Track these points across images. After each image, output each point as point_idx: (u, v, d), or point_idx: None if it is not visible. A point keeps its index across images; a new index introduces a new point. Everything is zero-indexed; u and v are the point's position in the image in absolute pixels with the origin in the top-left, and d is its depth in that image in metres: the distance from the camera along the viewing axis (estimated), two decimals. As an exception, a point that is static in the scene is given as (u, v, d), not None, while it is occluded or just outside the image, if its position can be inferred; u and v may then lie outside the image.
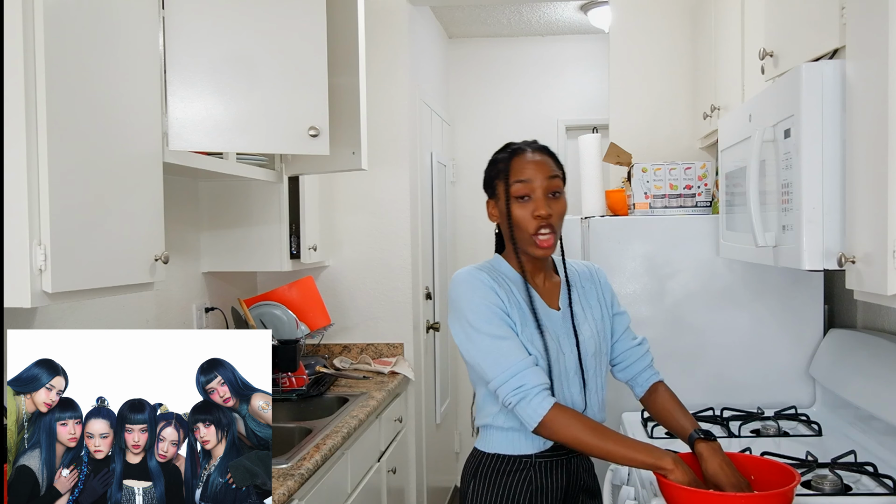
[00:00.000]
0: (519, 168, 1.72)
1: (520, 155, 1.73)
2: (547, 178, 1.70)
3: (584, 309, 1.81)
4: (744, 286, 2.61)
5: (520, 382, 1.62)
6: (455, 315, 1.73)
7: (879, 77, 1.36)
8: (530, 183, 1.70)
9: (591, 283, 1.86)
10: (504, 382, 1.63)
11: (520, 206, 1.71)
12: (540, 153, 1.74)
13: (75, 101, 1.59)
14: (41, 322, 2.00)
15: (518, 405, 1.62)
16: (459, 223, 4.88)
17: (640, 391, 1.88)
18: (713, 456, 1.62)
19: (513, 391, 1.62)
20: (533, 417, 1.61)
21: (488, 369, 1.66)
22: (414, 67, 3.72)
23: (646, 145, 3.33)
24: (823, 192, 1.61)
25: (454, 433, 4.80)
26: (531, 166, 1.71)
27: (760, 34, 2.14)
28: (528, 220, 1.70)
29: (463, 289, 1.71)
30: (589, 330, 1.79)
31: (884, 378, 2.02)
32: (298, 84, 2.13)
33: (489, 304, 1.68)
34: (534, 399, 1.61)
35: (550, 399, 1.62)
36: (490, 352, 1.66)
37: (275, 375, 2.98)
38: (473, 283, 1.71)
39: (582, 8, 4.28)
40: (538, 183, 1.70)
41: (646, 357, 1.88)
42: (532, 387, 1.61)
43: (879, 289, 1.37)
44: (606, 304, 1.86)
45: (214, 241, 2.99)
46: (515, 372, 1.62)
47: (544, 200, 1.70)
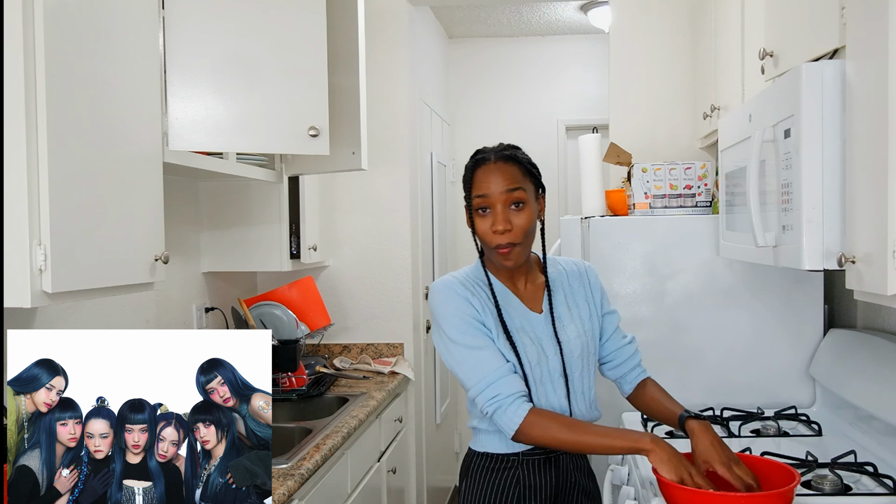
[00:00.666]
0: (478, 180, 1.67)
1: (482, 166, 1.68)
2: (505, 190, 1.65)
3: (569, 308, 1.80)
4: (744, 286, 2.61)
5: (495, 392, 1.63)
6: (434, 325, 1.76)
7: (879, 77, 1.36)
8: (489, 197, 1.65)
9: (580, 281, 1.85)
10: (480, 392, 1.65)
11: (480, 219, 1.68)
12: (504, 161, 1.67)
13: (75, 100, 1.59)
14: (41, 322, 2.00)
15: (495, 414, 1.64)
16: (459, 223, 4.87)
17: (628, 388, 1.88)
18: (704, 433, 1.62)
19: (488, 401, 1.64)
20: (509, 426, 1.63)
21: (465, 379, 1.68)
22: (414, 67, 3.72)
23: (646, 145, 3.33)
24: (823, 192, 1.61)
25: (454, 433, 4.80)
26: (489, 178, 1.66)
27: (760, 34, 2.14)
28: (487, 235, 1.67)
29: (438, 299, 1.72)
30: (575, 330, 1.77)
31: (884, 378, 2.02)
32: (298, 84, 2.13)
33: (463, 314, 1.69)
34: (509, 408, 1.62)
35: (526, 406, 1.63)
36: (465, 362, 1.67)
37: (275, 375, 2.98)
38: (447, 294, 1.71)
39: (582, 8, 4.28)
40: (496, 197, 1.65)
41: (635, 356, 1.88)
42: (507, 395, 1.63)
43: (879, 289, 1.37)
44: (595, 304, 1.84)
45: (214, 241, 2.99)
46: (490, 382, 1.64)
47: (503, 214, 1.65)
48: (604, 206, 2.93)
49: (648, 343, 2.52)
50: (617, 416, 2.52)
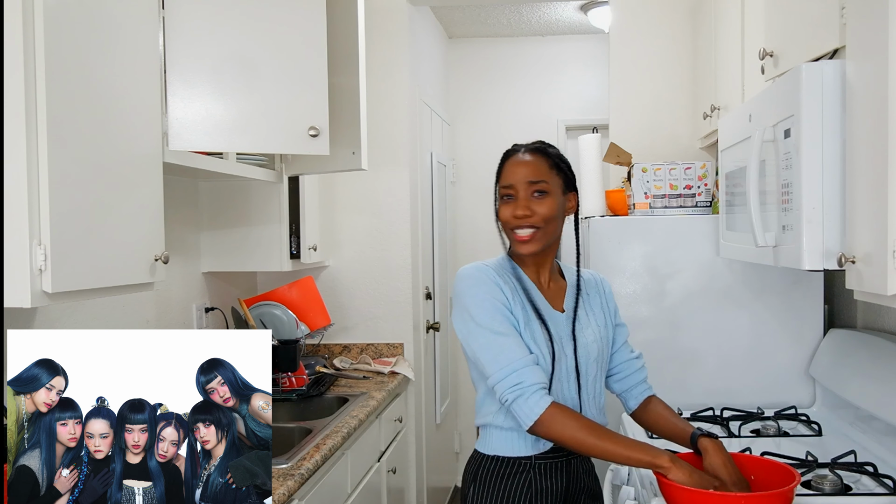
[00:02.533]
0: (506, 170, 1.76)
1: (511, 157, 1.77)
2: (529, 180, 1.72)
3: (587, 313, 1.81)
4: (744, 286, 2.61)
5: (518, 380, 1.61)
6: (458, 309, 1.73)
7: (879, 77, 1.36)
8: (513, 186, 1.73)
9: (597, 291, 1.86)
10: (502, 379, 1.63)
11: (504, 206, 1.75)
12: (532, 153, 1.75)
13: (75, 100, 1.59)
14: (41, 322, 2.00)
15: (514, 402, 1.61)
16: (459, 223, 4.87)
17: (633, 404, 1.86)
18: (717, 452, 1.61)
19: (510, 388, 1.61)
20: (529, 416, 1.60)
21: (487, 365, 1.66)
22: (414, 67, 3.72)
23: (646, 145, 3.33)
24: (823, 192, 1.61)
25: (454, 433, 4.79)
26: (516, 168, 1.74)
27: (760, 34, 2.14)
28: (510, 220, 1.73)
29: (467, 283, 1.72)
30: (592, 334, 1.78)
31: (884, 378, 2.02)
32: (298, 84, 2.13)
33: (492, 299, 1.68)
34: (531, 397, 1.60)
35: (548, 398, 1.61)
36: (490, 347, 1.66)
37: (275, 375, 2.98)
38: (478, 278, 1.72)
39: (582, 8, 4.28)
40: (520, 185, 1.72)
41: (642, 371, 1.88)
42: (529, 384, 1.61)
43: (879, 289, 1.37)
44: (610, 314, 1.85)
45: (214, 241, 2.98)
46: (514, 369, 1.62)
47: (525, 201, 1.72)
48: (604, 206, 2.93)
49: (648, 343, 2.51)
50: (617, 418, 2.52)
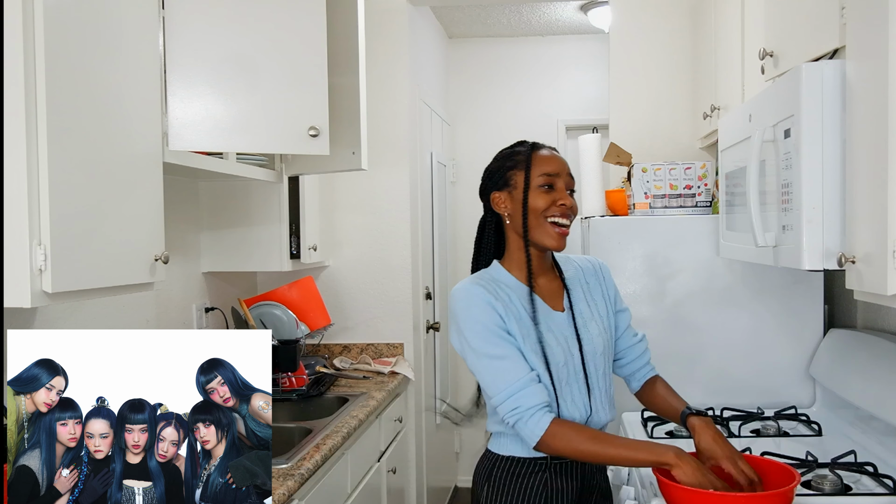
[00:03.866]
0: (544, 160, 1.74)
1: (541, 149, 1.77)
2: (567, 174, 1.75)
3: (589, 306, 1.80)
4: (744, 286, 2.61)
5: (516, 403, 1.62)
6: (454, 331, 1.73)
7: (879, 77, 1.36)
8: (556, 175, 1.73)
9: (596, 278, 1.86)
10: (501, 403, 1.64)
11: (542, 194, 1.71)
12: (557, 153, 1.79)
13: (75, 101, 1.59)
14: (41, 322, 2.00)
15: (516, 425, 1.63)
16: (459, 223, 4.87)
17: (636, 385, 1.89)
18: (705, 429, 1.64)
19: (510, 412, 1.63)
20: (531, 437, 1.62)
21: (487, 388, 1.68)
22: (414, 67, 3.72)
23: (646, 145, 3.33)
24: (823, 192, 1.61)
25: (454, 433, 4.79)
26: (554, 160, 1.75)
27: (760, 34, 2.14)
28: (551, 208, 1.71)
29: (460, 305, 1.70)
30: (597, 328, 1.78)
31: (884, 378, 2.02)
32: (298, 84, 2.13)
33: (486, 322, 1.67)
34: (530, 420, 1.61)
35: (548, 417, 1.62)
36: (487, 372, 1.66)
37: (275, 375, 2.98)
38: (469, 301, 1.69)
39: (582, 8, 4.28)
40: (561, 176, 1.74)
41: (645, 354, 1.90)
42: (528, 407, 1.61)
43: (879, 289, 1.37)
44: (610, 300, 1.86)
45: (214, 241, 2.99)
46: (512, 392, 1.63)
47: (566, 193, 1.74)
48: (604, 206, 2.93)
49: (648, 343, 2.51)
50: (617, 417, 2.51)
